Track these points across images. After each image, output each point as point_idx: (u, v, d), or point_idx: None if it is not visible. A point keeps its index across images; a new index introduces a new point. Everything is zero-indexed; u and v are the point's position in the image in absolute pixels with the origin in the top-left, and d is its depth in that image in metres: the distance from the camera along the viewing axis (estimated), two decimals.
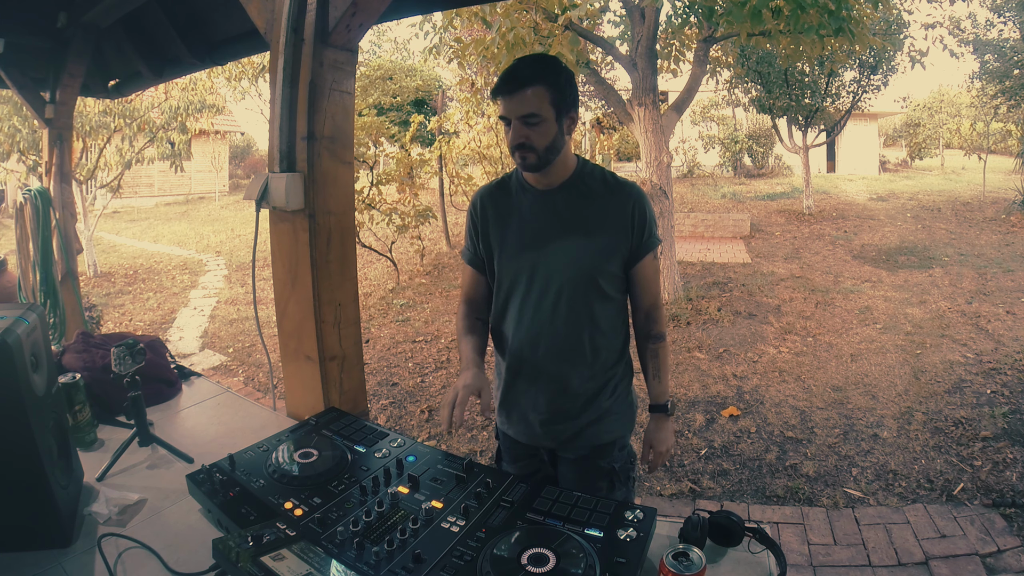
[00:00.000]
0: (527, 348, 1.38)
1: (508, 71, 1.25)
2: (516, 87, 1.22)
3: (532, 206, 1.37)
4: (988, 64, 11.00)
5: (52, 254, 2.80)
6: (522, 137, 1.24)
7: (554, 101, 1.24)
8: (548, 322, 1.35)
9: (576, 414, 1.39)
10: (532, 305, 1.36)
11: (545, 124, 1.24)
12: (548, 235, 1.34)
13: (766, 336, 5.00)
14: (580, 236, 1.32)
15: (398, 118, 15.57)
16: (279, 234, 1.57)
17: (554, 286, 1.33)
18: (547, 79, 1.23)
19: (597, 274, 1.33)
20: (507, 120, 1.26)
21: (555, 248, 1.33)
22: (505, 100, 1.24)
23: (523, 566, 0.87)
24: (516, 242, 1.37)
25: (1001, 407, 3.55)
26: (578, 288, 1.33)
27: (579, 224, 1.33)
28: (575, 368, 1.36)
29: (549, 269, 1.33)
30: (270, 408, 1.75)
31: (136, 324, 6.07)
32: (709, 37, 5.89)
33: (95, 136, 7.83)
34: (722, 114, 17.54)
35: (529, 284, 1.36)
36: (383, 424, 1.92)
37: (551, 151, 1.27)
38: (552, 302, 1.34)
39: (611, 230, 1.32)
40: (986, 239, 8.82)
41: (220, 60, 2.63)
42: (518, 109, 1.23)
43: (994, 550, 2.31)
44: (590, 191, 1.34)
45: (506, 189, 1.43)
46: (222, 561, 0.93)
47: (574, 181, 1.35)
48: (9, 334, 0.98)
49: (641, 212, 1.33)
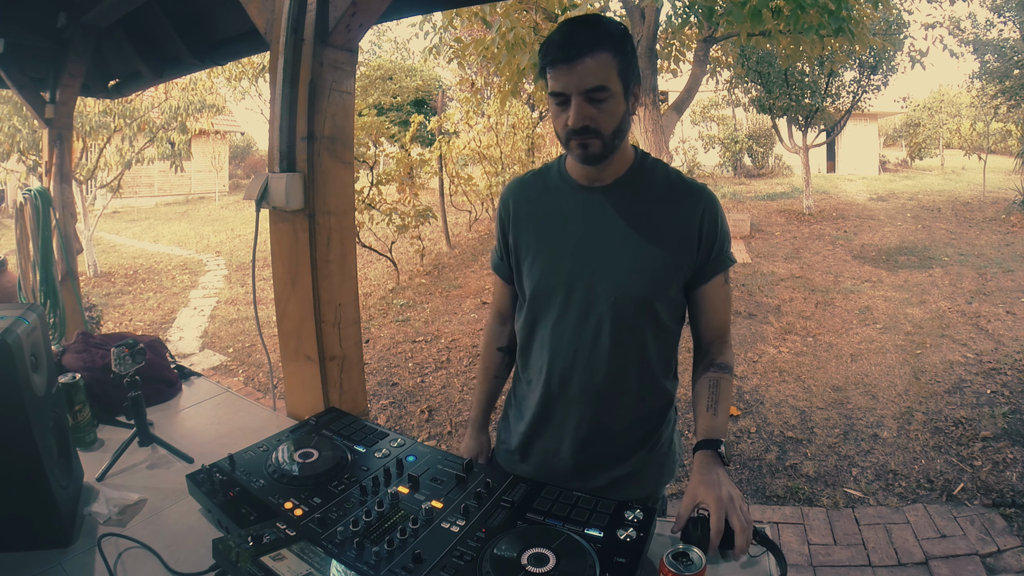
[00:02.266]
0: (556, 385, 1.15)
1: (565, 33, 0.97)
2: (577, 53, 0.95)
3: (576, 207, 1.11)
4: (988, 64, 11.00)
5: (52, 254, 2.80)
6: (587, 119, 0.98)
7: (622, 71, 0.98)
8: (587, 356, 1.10)
9: (610, 465, 1.17)
10: (568, 333, 1.11)
11: (613, 101, 0.98)
12: (593, 245, 1.08)
13: (766, 336, 5.00)
14: (634, 248, 1.06)
15: (398, 118, 15.57)
16: (279, 234, 1.57)
17: (597, 311, 1.08)
18: (614, 44, 0.97)
19: (653, 298, 1.07)
20: (562, 97, 0.99)
21: (601, 262, 1.08)
22: (562, 71, 0.97)
23: (523, 566, 0.87)
24: (551, 251, 1.12)
25: (1001, 407, 3.55)
26: (627, 314, 1.08)
27: (633, 233, 1.07)
28: (615, 412, 1.14)
29: (592, 289, 1.08)
30: (270, 408, 1.75)
31: (136, 324, 6.07)
32: (709, 37, 5.89)
33: (95, 136, 7.83)
34: (722, 114, 17.55)
35: (565, 306, 1.11)
36: (383, 424, 1.92)
37: (618, 136, 1.03)
38: (593, 331, 1.09)
39: (673, 243, 1.07)
40: (986, 239, 8.82)
41: (220, 60, 2.63)
42: (581, 82, 0.96)
43: (994, 550, 2.31)
44: (649, 192, 1.09)
45: (545, 182, 1.17)
46: (222, 561, 0.93)
47: (630, 178, 1.09)
48: (9, 334, 0.98)
49: (712, 222, 1.07)
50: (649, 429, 1.18)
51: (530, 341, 1.20)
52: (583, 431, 1.16)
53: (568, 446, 1.18)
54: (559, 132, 1.03)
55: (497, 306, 1.34)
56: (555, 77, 0.98)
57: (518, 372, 1.29)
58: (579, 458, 1.18)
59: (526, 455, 1.25)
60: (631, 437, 1.17)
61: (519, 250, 1.18)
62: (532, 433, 1.22)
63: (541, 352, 1.17)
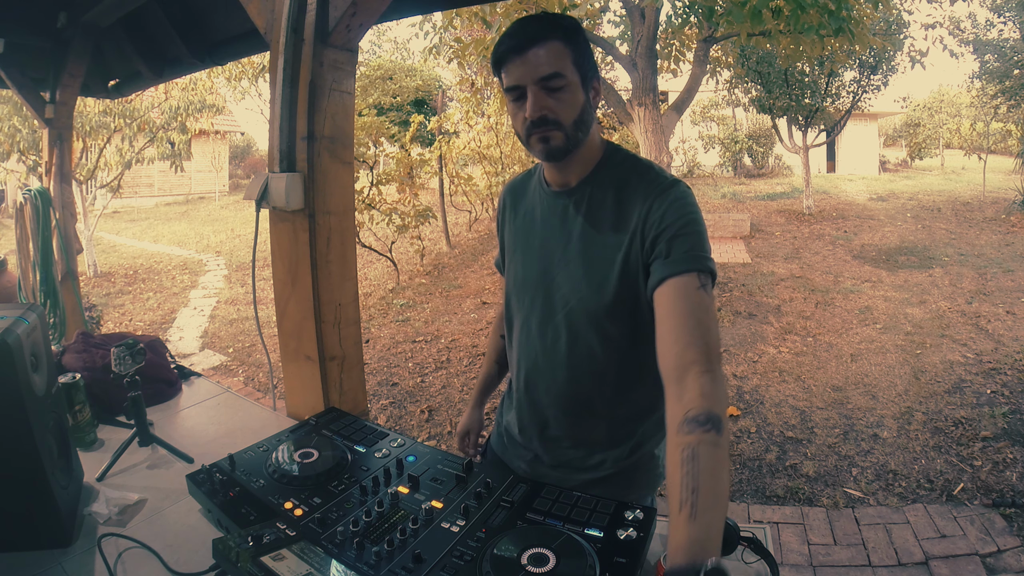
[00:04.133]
0: (523, 386, 1.16)
1: (514, 27, 0.94)
2: (528, 42, 0.92)
3: (544, 211, 1.09)
4: (988, 64, 11.01)
5: (52, 254, 2.80)
6: (544, 108, 0.93)
7: (576, 61, 0.94)
8: (548, 360, 1.08)
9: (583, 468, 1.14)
10: (532, 336, 1.10)
11: (571, 89, 0.94)
12: (554, 252, 1.05)
13: (766, 336, 5.00)
14: (588, 256, 1.01)
15: (398, 118, 15.58)
16: (279, 234, 1.57)
17: (555, 319, 1.05)
18: (565, 33, 0.94)
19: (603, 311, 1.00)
20: (518, 91, 0.95)
21: (560, 270, 1.04)
22: (515, 63, 0.93)
23: (523, 566, 0.87)
24: (523, 254, 1.12)
25: (1001, 407, 3.55)
26: (579, 326, 1.03)
27: (590, 239, 1.01)
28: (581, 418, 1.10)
29: (551, 297, 1.06)
30: (270, 408, 1.75)
31: (136, 324, 6.07)
32: (709, 37, 5.89)
33: (95, 136, 7.84)
34: (722, 114, 17.56)
35: (531, 309, 1.10)
36: (383, 424, 1.92)
37: (580, 127, 0.97)
38: (552, 337, 1.07)
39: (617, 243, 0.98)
40: (986, 239, 8.82)
41: (220, 60, 2.63)
42: (535, 71, 0.92)
43: (994, 550, 2.31)
44: (614, 192, 1.01)
45: (529, 184, 1.17)
46: (222, 561, 0.93)
47: (595, 177, 1.03)
48: (9, 334, 0.98)
49: (657, 216, 0.94)
50: (622, 436, 1.11)
51: (510, 338, 1.21)
52: (552, 431, 1.15)
53: (539, 445, 1.18)
54: (519, 131, 0.99)
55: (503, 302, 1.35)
56: (508, 72, 0.95)
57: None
58: (552, 456, 1.18)
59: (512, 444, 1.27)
60: (603, 443, 1.12)
61: (506, 249, 1.21)
62: (512, 425, 1.24)
63: (513, 351, 1.19)
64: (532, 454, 1.21)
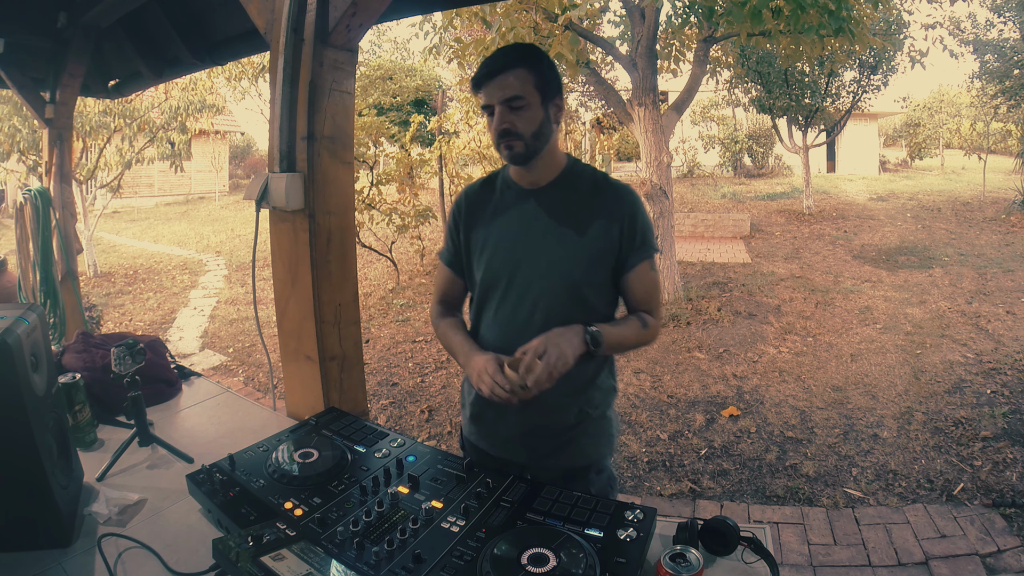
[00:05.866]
0: None
1: (489, 58, 1.20)
2: (497, 71, 1.17)
3: (516, 206, 1.29)
4: (988, 64, 11.01)
5: (52, 254, 2.80)
6: (507, 123, 1.18)
7: (538, 84, 1.19)
8: (521, 333, 1.21)
9: (551, 432, 1.31)
10: (507, 313, 1.28)
11: (531, 108, 1.18)
12: (530, 238, 1.26)
13: (766, 336, 5.00)
14: (564, 241, 1.24)
15: (398, 118, 15.58)
16: (279, 234, 1.57)
17: (532, 294, 1.25)
18: (529, 62, 1.18)
19: (582, 282, 1.24)
20: (490, 109, 1.20)
21: (536, 253, 1.25)
22: (487, 86, 1.19)
23: (523, 566, 0.87)
24: (496, 245, 1.29)
25: (1001, 407, 3.55)
26: (558, 298, 1.24)
27: (564, 227, 1.24)
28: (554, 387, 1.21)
29: (529, 276, 1.25)
30: (270, 408, 1.75)
31: (136, 324, 6.07)
32: (709, 37, 5.89)
33: (95, 136, 7.83)
34: (722, 114, 17.54)
35: (506, 291, 1.27)
36: (383, 424, 1.92)
37: (539, 138, 1.21)
38: (528, 311, 1.25)
39: (599, 235, 1.23)
40: (986, 239, 8.83)
41: (220, 60, 2.63)
42: (500, 93, 1.17)
43: (994, 550, 2.31)
44: (578, 192, 1.27)
45: (491, 187, 1.36)
46: (222, 561, 0.93)
47: (562, 180, 1.28)
48: (9, 334, 0.98)
49: (632, 216, 1.24)
50: (584, 401, 1.30)
51: (478, 322, 1.35)
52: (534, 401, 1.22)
53: (513, 416, 1.29)
54: (493, 140, 1.23)
55: (443, 295, 1.46)
56: (483, 93, 1.20)
57: None
58: (524, 426, 1.30)
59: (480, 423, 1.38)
60: (569, 408, 1.29)
61: (470, 247, 1.35)
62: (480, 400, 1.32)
63: (486, 331, 1.32)
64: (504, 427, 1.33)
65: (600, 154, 18.13)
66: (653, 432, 3.45)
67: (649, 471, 3.06)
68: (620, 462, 3.14)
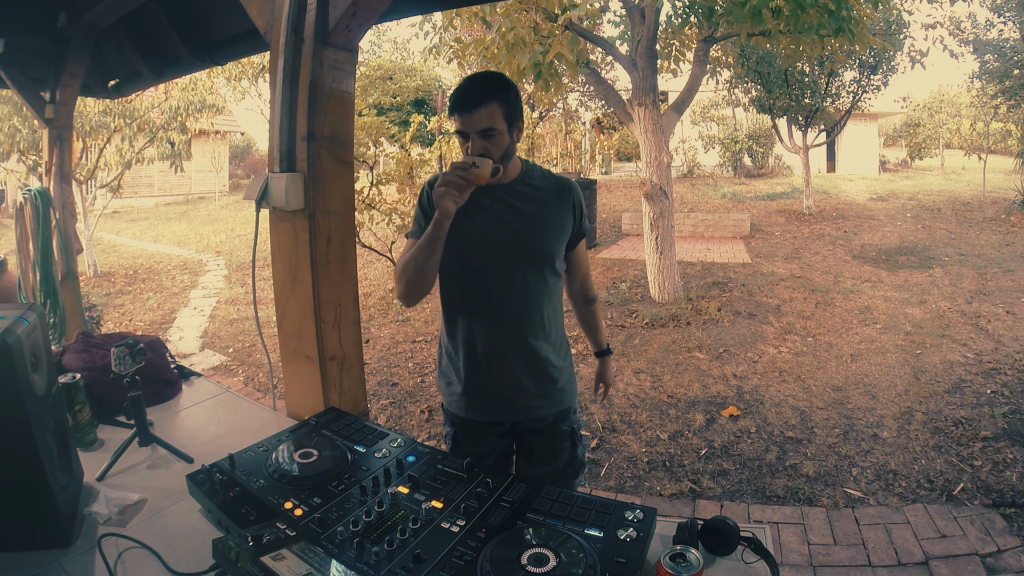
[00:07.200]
0: (491, 327, 1.49)
1: (462, 91, 1.38)
2: (473, 105, 1.35)
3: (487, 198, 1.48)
4: (988, 64, 11.00)
5: (52, 254, 2.80)
6: (481, 149, 1.38)
7: (506, 115, 1.39)
8: (510, 300, 1.48)
9: (543, 381, 1.54)
10: (495, 286, 1.47)
11: (500, 136, 1.39)
12: (507, 223, 1.47)
13: (766, 336, 5.00)
14: (535, 222, 1.49)
15: (398, 118, 15.58)
16: (279, 234, 1.57)
17: (515, 267, 1.47)
18: (499, 96, 1.37)
19: (553, 255, 1.50)
20: (464, 135, 1.39)
21: (515, 234, 1.47)
22: (463, 117, 1.37)
23: (523, 566, 0.87)
24: (476, 229, 1.47)
25: (1001, 407, 3.55)
26: (536, 268, 1.49)
27: (533, 213, 1.49)
28: (537, 339, 1.51)
29: (511, 252, 1.47)
30: (270, 408, 1.75)
31: (136, 324, 6.07)
32: (709, 37, 5.89)
33: (95, 136, 7.83)
34: (722, 114, 17.55)
35: (492, 267, 1.47)
36: (383, 424, 1.92)
37: (506, 158, 1.43)
38: (521, 279, 1.48)
39: (559, 217, 1.51)
40: (986, 239, 8.83)
41: (220, 60, 2.63)
42: (475, 125, 1.36)
43: (994, 550, 2.31)
44: (536, 186, 1.52)
45: None
46: (222, 561, 0.93)
47: (522, 178, 1.52)
48: (9, 334, 0.98)
49: (579, 202, 1.55)
50: (559, 348, 1.58)
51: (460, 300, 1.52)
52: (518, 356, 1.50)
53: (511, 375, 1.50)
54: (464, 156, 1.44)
55: None
56: (458, 121, 1.39)
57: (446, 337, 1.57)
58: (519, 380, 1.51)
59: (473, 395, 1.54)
60: (551, 355, 1.55)
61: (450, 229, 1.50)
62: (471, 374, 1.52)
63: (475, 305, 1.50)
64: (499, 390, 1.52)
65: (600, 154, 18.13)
66: (653, 432, 3.45)
67: (649, 471, 3.06)
68: (620, 462, 3.14)
